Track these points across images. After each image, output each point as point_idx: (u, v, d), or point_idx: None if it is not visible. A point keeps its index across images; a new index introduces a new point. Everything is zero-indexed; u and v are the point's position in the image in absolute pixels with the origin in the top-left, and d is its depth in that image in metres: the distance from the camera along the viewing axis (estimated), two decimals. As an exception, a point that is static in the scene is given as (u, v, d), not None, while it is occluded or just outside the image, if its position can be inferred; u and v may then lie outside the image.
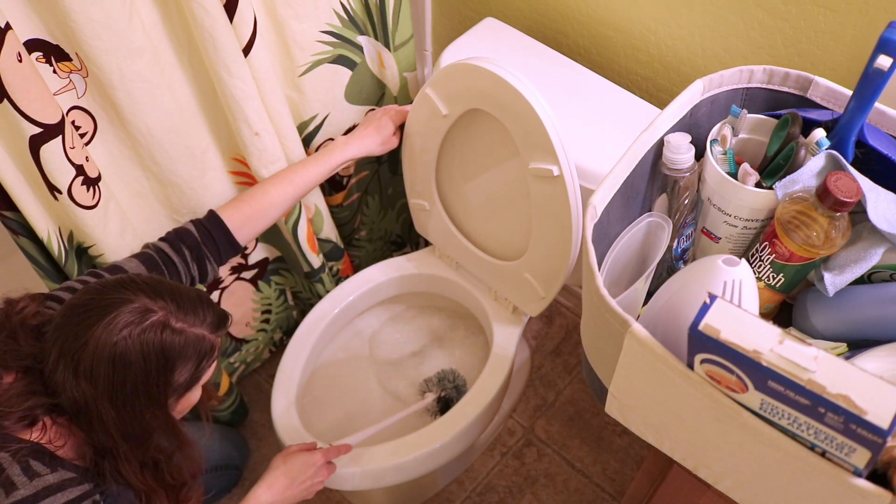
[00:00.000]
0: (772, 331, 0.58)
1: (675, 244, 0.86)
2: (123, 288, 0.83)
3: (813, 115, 0.82)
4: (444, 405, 1.34)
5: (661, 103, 1.27)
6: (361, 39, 1.24)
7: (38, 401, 0.82)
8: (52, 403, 0.82)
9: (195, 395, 0.90)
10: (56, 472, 0.80)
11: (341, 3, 1.17)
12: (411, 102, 1.21)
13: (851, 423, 0.54)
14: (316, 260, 1.39)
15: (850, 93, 0.79)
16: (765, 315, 0.86)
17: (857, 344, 0.80)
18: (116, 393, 0.80)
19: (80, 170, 0.96)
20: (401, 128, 1.25)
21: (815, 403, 0.55)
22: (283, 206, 1.15)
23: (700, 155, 0.85)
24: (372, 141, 1.21)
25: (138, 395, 0.81)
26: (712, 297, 0.61)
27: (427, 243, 1.43)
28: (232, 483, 1.52)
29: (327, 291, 1.45)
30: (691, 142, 0.82)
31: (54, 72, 0.93)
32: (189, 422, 0.94)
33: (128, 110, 1.00)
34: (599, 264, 0.76)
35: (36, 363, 0.83)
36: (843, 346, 0.80)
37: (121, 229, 1.05)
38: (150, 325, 0.80)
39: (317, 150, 1.31)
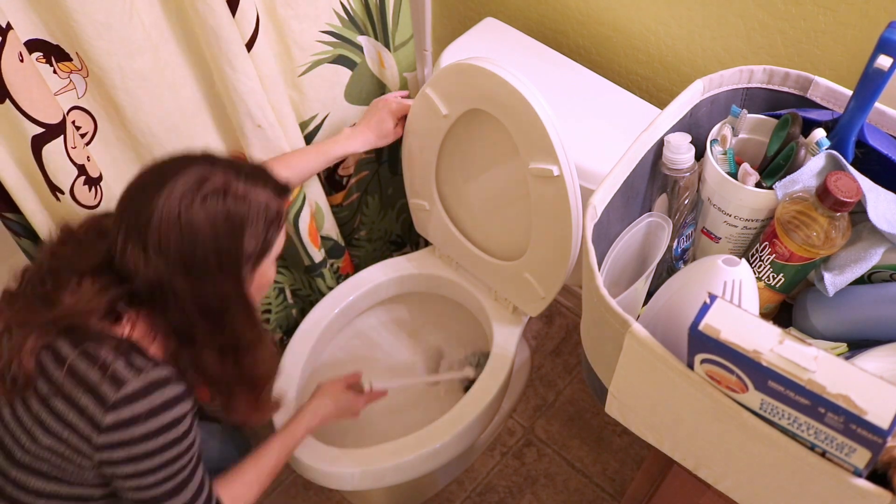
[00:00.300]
0: (772, 331, 0.58)
1: (675, 244, 0.86)
2: (179, 160, 0.83)
3: (813, 115, 0.82)
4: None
5: (661, 103, 1.27)
6: (361, 39, 1.24)
7: (116, 292, 0.82)
8: (129, 292, 0.82)
9: (269, 272, 0.90)
10: (157, 368, 0.81)
11: (341, 3, 1.17)
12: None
13: (851, 423, 0.54)
14: (317, 254, 1.39)
15: (850, 93, 0.79)
16: (765, 315, 0.86)
17: (857, 344, 0.80)
18: (188, 262, 0.80)
19: (81, 169, 0.96)
20: (404, 118, 1.25)
21: (815, 403, 0.55)
22: None
23: (700, 155, 0.85)
24: (372, 134, 1.23)
25: (210, 263, 0.81)
26: (712, 297, 0.61)
27: (427, 243, 1.43)
28: None
29: (328, 287, 1.45)
30: (691, 142, 0.82)
31: (55, 72, 0.94)
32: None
33: (128, 110, 1.00)
34: (599, 264, 0.76)
35: (105, 260, 0.83)
36: (843, 346, 0.80)
37: (121, 229, 1.05)
38: (212, 190, 0.80)
39: (317, 149, 1.31)
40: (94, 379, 0.79)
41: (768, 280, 0.81)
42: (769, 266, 0.80)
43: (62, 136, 0.91)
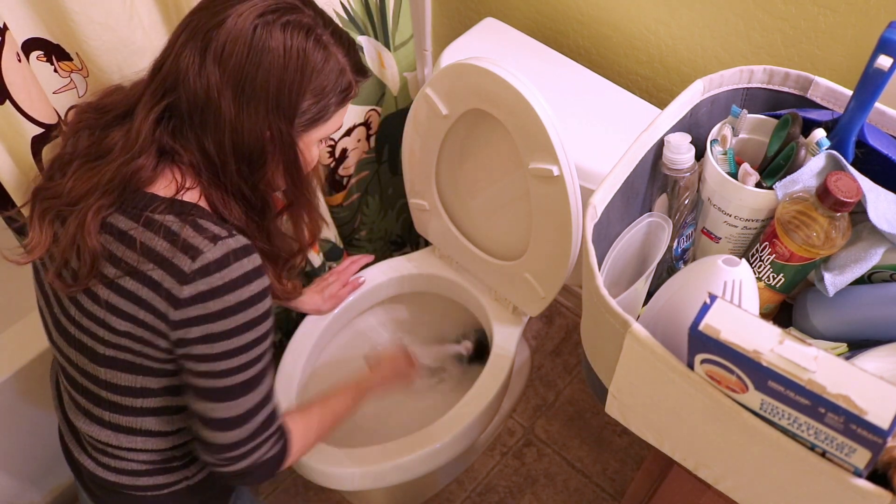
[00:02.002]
0: (772, 331, 0.58)
1: (675, 244, 0.86)
2: None
3: (813, 115, 0.82)
4: (477, 352, 1.39)
5: (661, 103, 1.27)
6: (361, 39, 1.24)
7: (159, 108, 0.75)
8: (170, 106, 0.76)
9: (314, 150, 0.83)
10: (235, 237, 0.75)
11: (341, 3, 1.17)
12: (411, 102, 1.21)
13: (851, 424, 0.54)
14: (316, 259, 1.40)
15: (850, 93, 0.79)
16: (765, 315, 0.86)
17: (857, 344, 0.79)
18: (244, 82, 0.73)
19: (80, 170, 0.96)
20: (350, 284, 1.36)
21: (815, 403, 0.55)
22: None
23: (700, 155, 0.85)
24: (319, 298, 1.30)
25: (267, 93, 0.74)
26: (712, 298, 0.61)
27: (427, 243, 1.43)
28: None
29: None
30: (691, 142, 0.82)
31: (55, 71, 0.94)
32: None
33: (128, 110, 1.00)
34: (599, 264, 0.76)
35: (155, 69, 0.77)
36: (843, 346, 0.80)
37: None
38: (297, 23, 0.74)
39: (317, 149, 1.31)
40: (165, 251, 0.73)
41: (768, 280, 0.81)
42: (769, 266, 0.80)
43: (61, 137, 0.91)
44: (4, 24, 0.82)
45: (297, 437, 0.89)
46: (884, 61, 0.71)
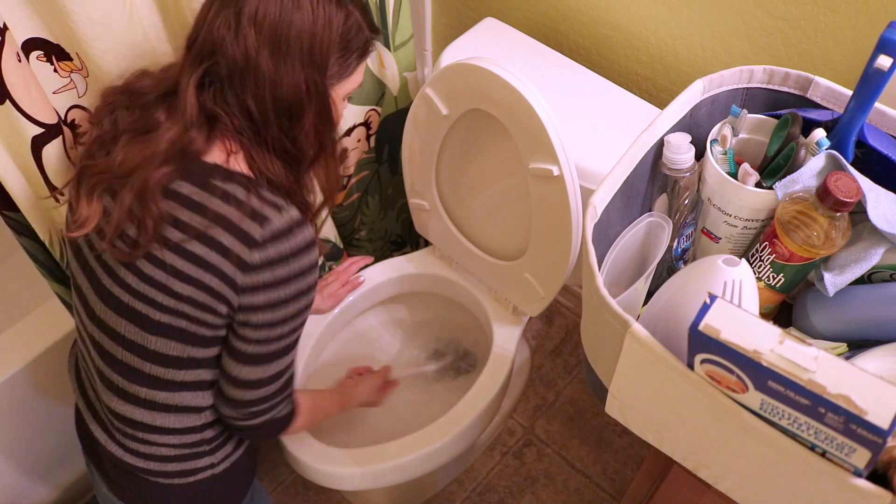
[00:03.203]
0: (772, 331, 0.58)
1: (675, 244, 0.86)
2: None
3: (813, 115, 0.82)
4: (458, 364, 1.44)
5: (661, 103, 1.27)
6: (361, 39, 1.24)
7: (199, 74, 0.80)
8: (208, 71, 0.80)
9: (339, 105, 0.89)
10: (293, 208, 0.81)
11: (341, 3, 1.17)
12: (411, 102, 1.21)
13: (851, 424, 0.54)
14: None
15: (850, 93, 0.79)
16: (765, 315, 0.86)
17: (857, 344, 0.80)
18: (280, 40, 0.78)
19: (80, 170, 0.96)
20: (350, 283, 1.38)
21: (815, 403, 0.55)
22: None
23: (700, 155, 0.85)
24: (318, 297, 1.31)
25: (302, 48, 0.79)
26: (712, 297, 0.61)
27: (427, 243, 1.43)
28: None
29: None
30: (691, 142, 0.82)
31: (55, 70, 0.94)
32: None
33: (128, 110, 1.00)
34: (599, 264, 0.76)
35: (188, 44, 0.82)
36: (843, 346, 0.80)
37: (121, 229, 1.05)
38: None
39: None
40: (234, 216, 0.78)
41: (768, 280, 0.81)
42: (769, 266, 0.80)
43: (61, 137, 0.91)
44: (4, 24, 0.81)
45: (305, 409, 0.98)
46: (884, 61, 0.71)
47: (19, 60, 0.84)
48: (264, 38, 0.78)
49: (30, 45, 0.90)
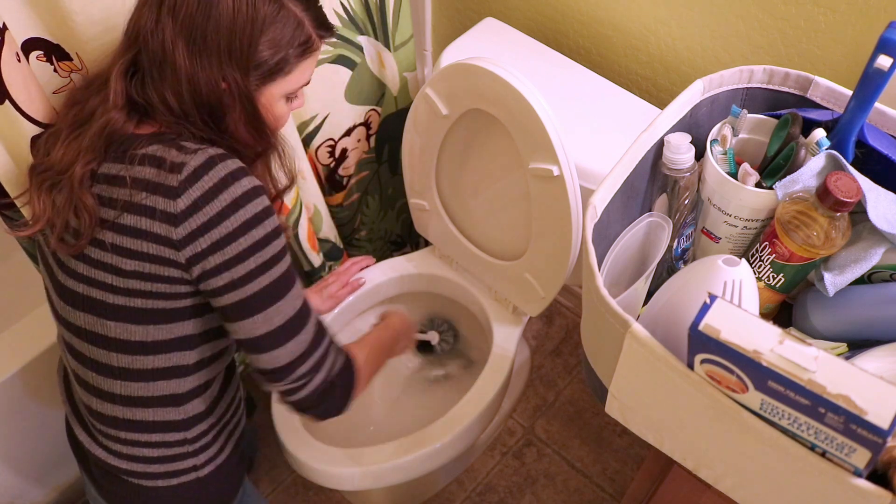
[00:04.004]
0: (772, 331, 0.58)
1: (675, 244, 0.86)
2: None
3: (813, 115, 0.82)
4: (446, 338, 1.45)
5: (661, 103, 1.27)
6: (361, 39, 1.24)
7: (126, 61, 0.78)
8: (133, 61, 0.78)
9: (278, 105, 0.84)
10: (214, 147, 0.77)
11: (341, 3, 1.17)
12: (411, 102, 1.21)
13: (851, 423, 0.54)
14: (316, 259, 1.39)
15: (850, 93, 0.79)
16: (765, 315, 0.86)
17: (857, 344, 0.79)
18: (195, 33, 0.75)
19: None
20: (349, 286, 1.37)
21: (815, 403, 0.55)
22: None
23: (700, 155, 0.85)
24: (318, 298, 1.30)
25: (218, 43, 0.76)
26: (712, 297, 0.61)
27: (427, 243, 1.43)
28: None
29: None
30: (691, 142, 0.82)
31: (55, 70, 0.93)
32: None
33: (128, 110, 1.00)
34: (599, 264, 0.76)
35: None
36: (843, 346, 0.80)
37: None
38: None
39: (316, 150, 1.31)
40: (154, 176, 0.75)
41: (768, 280, 0.81)
42: (769, 266, 0.80)
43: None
44: (4, 24, 0.81)
45: (360, 356, 0.91)
46: (884, 61, 0.71)
47: (18, 60, 0.84)
48: (180, 29, 0.75)
49: (30, 45, 0.90)
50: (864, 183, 0.75)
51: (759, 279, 0.81)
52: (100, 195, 0.78)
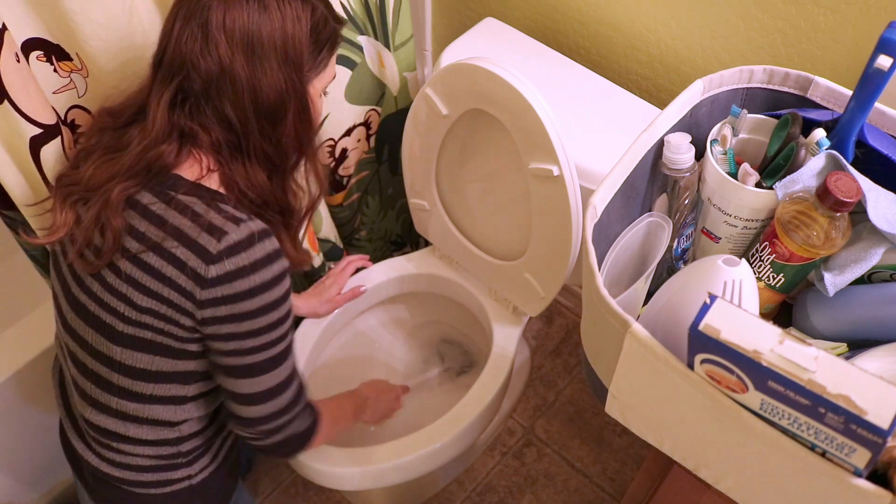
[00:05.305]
0: (772, 331, 0.58)
1: (675, 244, 0.86)
2: None
3: (813, 115, 0.82)
4: (461, 366, 1.43)
5: (661, 103, 1.27)
6: (361, 39, 1.24)
7: (173, 90, 0.79)
8: (181, 88, 0.79)
9: (318, 101, 0.88)
10: (255, 220, 0.79)
11: (341, 3, 1.17)
12: (411, 102, 1.21)
13: (851, 424, 0.54)
14: (316, 259, 1.39)
15: (850, 93, 0.79)
16: (765, 315, 0.86)
17: (857, 344, 0.79)
18: (252, 43, 0.78)
19: (80, 170, 0.96)
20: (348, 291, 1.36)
21: (815, 403, 0.55)
22: None
23: (700, 155, 0.85)
24: (316, 301, 1.31)
25: (275, 49, 0.79)
26: (712, 297, 0.61)
27: (427, 243, 1.43)
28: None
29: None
30: (691, 142, 0.82)
31: (55, 70, 0.94)
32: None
33: (128, 110, 1.00)
34: (599, 264, 0.76)
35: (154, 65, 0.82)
36: (843, 346, 0.80)
37: (121, 229, 1.05)
38: None
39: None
40: (189, 230, 0.77)
41: (768, 280, 0.81)
42: (769, 266, 0.80)
43: (60, 137, 0.91)
44: (3, 25, 0.81)
45: (326, 422, 0.96)
46: (884, 61, 0.71)
47: (18, 61, 0.84)
48: (237, 44, 0.77)
49: (30, 46, 0.90)
50: (864, 183, 0.75)
51: (759, 279, 0.81)
52: (129, 222, 0.79)
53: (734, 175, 0.82)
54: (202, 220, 0.77)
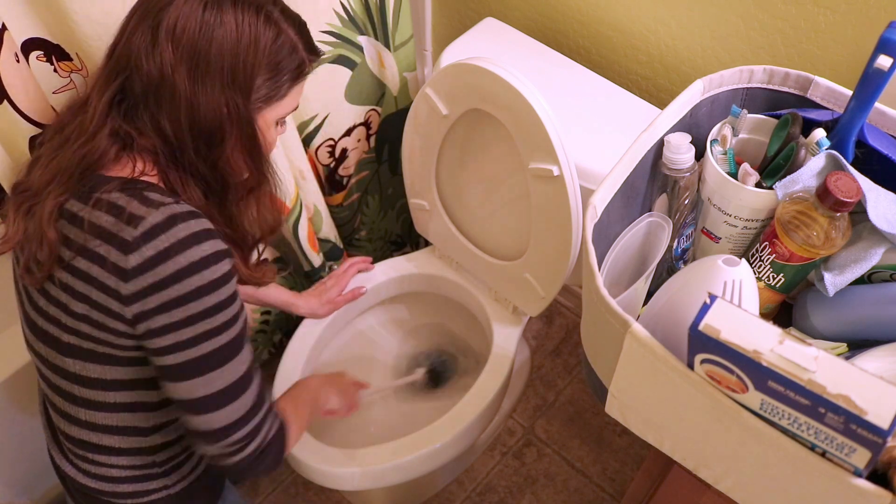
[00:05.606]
0: (772, 331, 0.58)
1: (675, 244, 0.86)
2: None
3: (813, 115, 0.82)
4: (434, 378, 1.41)
5: (661, 103, 1.27)
6: (361, 39, 1.24)
7: (113, 90, 0.75)
8: (123, 88, 0.75)
9: (270, 131, 0.82)
10: (180, 203, 0.73)
11: (341, 3, 1.17)
12: (411, 102, 1.21)
13: (851, 424, 0.54)
14: (316, 259, 1.39)
15: (850, 93, 0.79)
16: (765, 315, 0.86)
17: (857, 344, 0.79)
18: (198, 58, 0.72)
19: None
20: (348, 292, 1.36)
21: (815, 403, 0.55)
22: None
23: (700, 155, 0.85)
24: (316, 302, 1.30)
25: (222, 68, 0.73)
26: (712, 297, 0.61)
27: (427, 243, 1.43)
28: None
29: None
30: (691, 142, 0.82)
31: (55, 71, 0.94)
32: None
33: (128, 110, 0.99)
34: (599, 264, 0.76)
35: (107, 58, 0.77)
36: (843, 346, 0.80)
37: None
38: (247, 1, 0.74)
39: (316, 150, 1.31)
40: (110, 225, 0.72)
41: (768, 280, 0.81)
42: (769, 266, 0.80)
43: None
44: (3, 25, 0.82)
45: (291, 418, 0.88)
46: (884, 61, 0.71)
47: (17, 61, 0.84)
48: (182, 54, 0.72)
49: (30, 45, 0.90)
50: (864, 183, 0.75)
51: (759, 279, 0.81)
52: (62, 232, 0.75)
53: (734, 175, 0.82)
54: (123, 212, 0.72)
